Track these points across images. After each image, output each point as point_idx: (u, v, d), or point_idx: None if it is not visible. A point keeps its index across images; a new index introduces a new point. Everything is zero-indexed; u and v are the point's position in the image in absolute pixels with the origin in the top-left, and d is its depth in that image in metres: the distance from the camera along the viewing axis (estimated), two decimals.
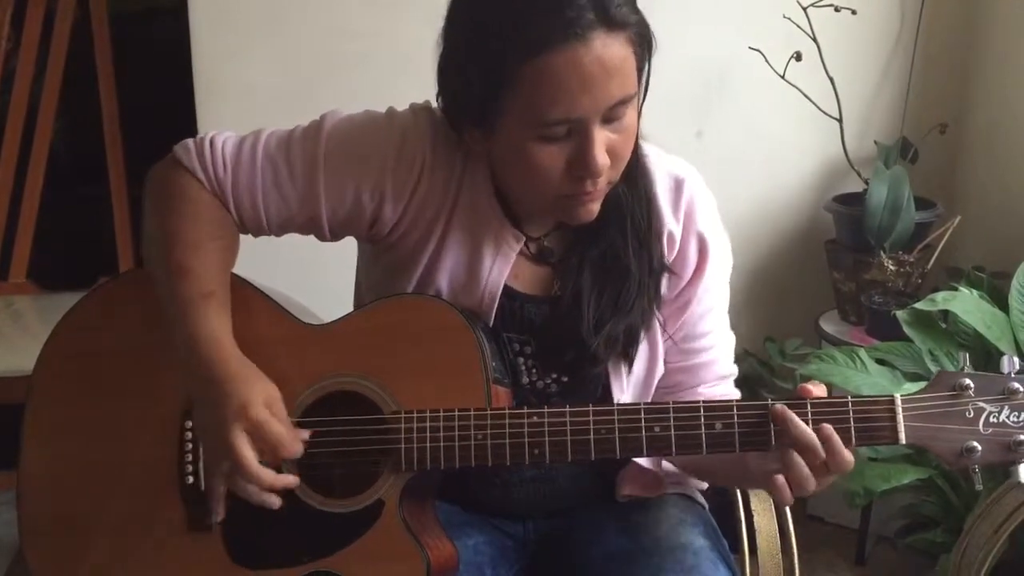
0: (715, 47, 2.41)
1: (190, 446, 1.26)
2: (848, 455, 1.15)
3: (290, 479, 1.19)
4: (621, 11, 1.12)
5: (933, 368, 1.96)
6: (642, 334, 1.32)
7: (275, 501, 1.20)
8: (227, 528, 1.24)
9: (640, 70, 1.17)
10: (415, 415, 1.21)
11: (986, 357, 1.94)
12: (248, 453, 1.15)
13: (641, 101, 1.20)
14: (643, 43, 1.16)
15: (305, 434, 1.20)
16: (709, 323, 1.36)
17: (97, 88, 2.48)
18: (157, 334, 1.24)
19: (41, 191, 2.48)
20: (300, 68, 2.31)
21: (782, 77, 2.33)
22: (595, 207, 1.22)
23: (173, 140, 1.31)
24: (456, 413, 1.20)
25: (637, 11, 1.15)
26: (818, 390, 1.19)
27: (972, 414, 1.15)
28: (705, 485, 1.46)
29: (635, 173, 1.27)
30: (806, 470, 1.14)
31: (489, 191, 1.28)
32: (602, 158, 1.15)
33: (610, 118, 1.15)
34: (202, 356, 1.18)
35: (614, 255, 1.28)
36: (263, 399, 1.17)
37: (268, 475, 1.17)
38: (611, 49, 1.11)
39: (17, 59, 2.49)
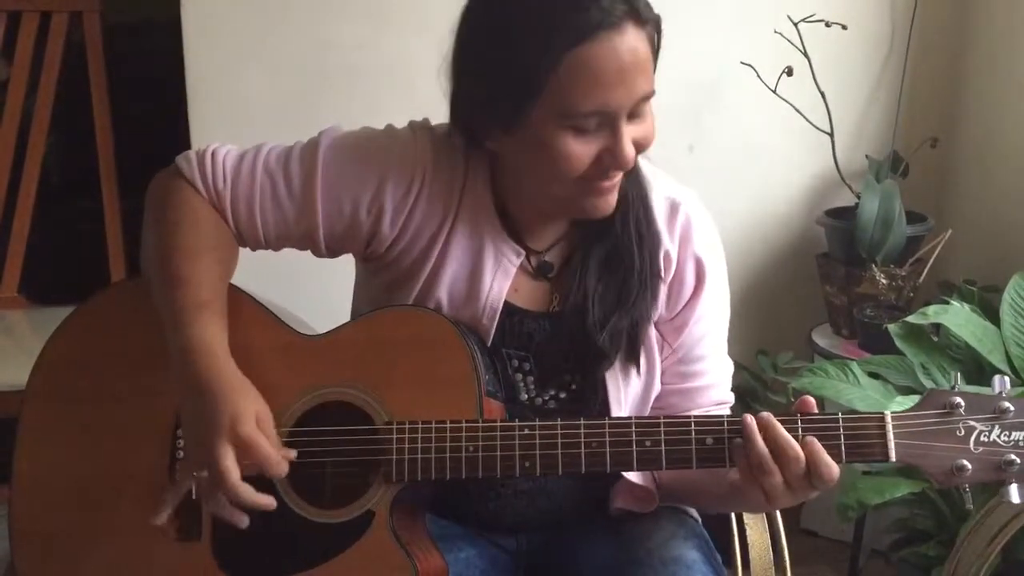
0: (707, 62, 2.42)
1: (181, 455, 1.25)
2: (833, 464, 1.14)
3: (267, 499, 1.18)
4: (645, 6, 1.17)
5: (925, 381, 1.96)
6: (644, 333, 1.31)
7: (243, 520, 1.19)
8: (216, 537, 1.24)
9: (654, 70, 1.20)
10: (407, 426, 1.21)
11: (978, 370, 1.94)
12: (232, 467, 1.14)
13: None
14: (657, 42, 1.19)
15: (292, 454, 1.20)
16: (706, 347, 1.36)
17: (90, 101, 2.47)
18: (150, 344, 1.24)
19: (33, 205, 2.47)
20: (293, 80, 2.31)
21: (773, 91, 2.34)
22: (613, 199, 1.23)
23: (166, 154, 1.31)
24: (448, 425, 1.20)
25: (652, 8, 1.19)
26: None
27: (963, 432, 1.14)
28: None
29: (635, 173, 1.28)
30: (780, 481, 1.14)
31: (489, 205, 1.29)
32: (631, 150, 1.17)
33: (634, 114, 1.18)
34: (195, 365, 1.17)
35: (617, 249, 1.29)
36: (253, 414, 1.17)
37: (247, 492, 1.16)
38: (641, 42, 1.15)
39: (10, 72, 2.48)
